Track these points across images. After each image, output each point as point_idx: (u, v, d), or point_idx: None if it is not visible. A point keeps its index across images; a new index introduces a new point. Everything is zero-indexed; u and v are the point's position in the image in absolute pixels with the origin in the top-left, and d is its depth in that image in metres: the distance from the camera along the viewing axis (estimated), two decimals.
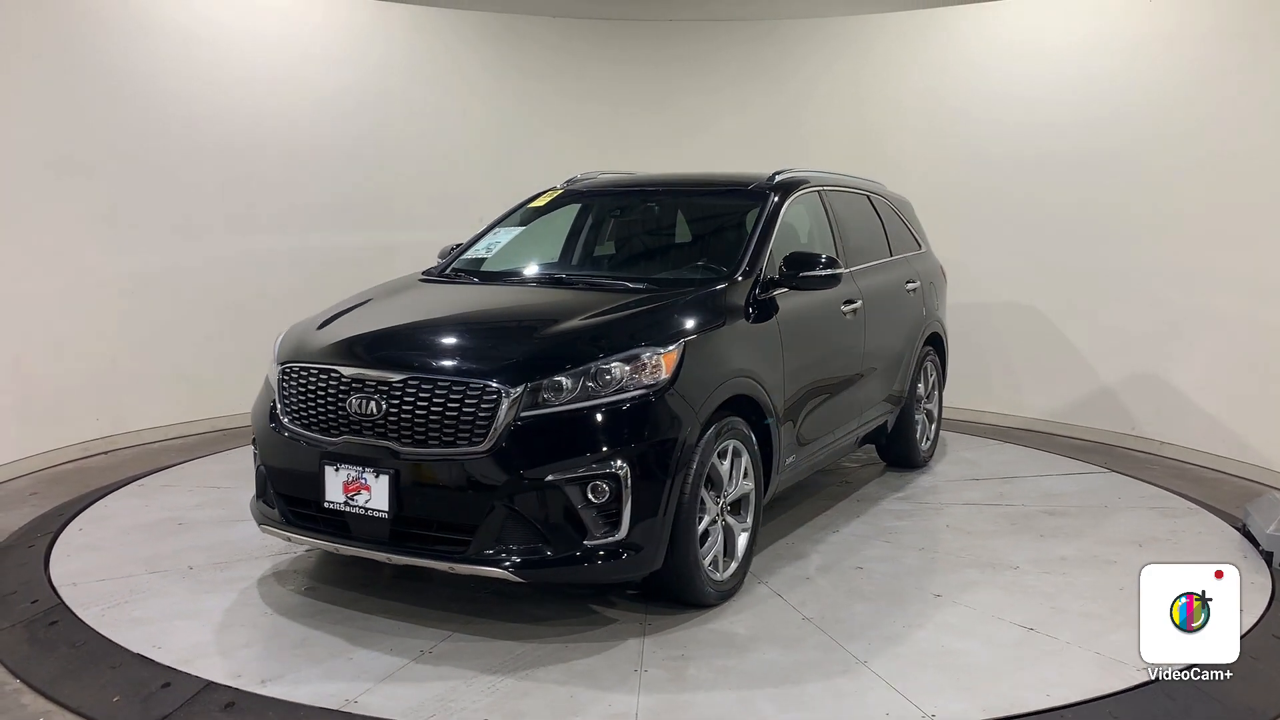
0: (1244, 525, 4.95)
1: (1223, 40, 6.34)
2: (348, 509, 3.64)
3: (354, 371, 3.75)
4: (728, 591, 3.99)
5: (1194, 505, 5.46)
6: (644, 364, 3.64)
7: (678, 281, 4.49)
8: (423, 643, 3.61)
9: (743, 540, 4.08)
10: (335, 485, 3.66)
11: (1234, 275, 6.28)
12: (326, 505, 3.69)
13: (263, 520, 4.01)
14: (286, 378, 3.94)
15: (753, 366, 4.14)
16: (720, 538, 3.95)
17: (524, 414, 3.50)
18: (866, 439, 5.71)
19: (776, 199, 4.82)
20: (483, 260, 5.12)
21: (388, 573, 4.22)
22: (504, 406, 3.49)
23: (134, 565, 4.36)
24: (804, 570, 4.41)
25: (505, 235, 5.30)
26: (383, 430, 3.62)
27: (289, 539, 3.98)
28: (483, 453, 3.48)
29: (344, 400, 3.70)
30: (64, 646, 3.58)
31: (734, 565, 4.03)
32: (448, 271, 5.04)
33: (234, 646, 3.58)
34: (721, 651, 3.59)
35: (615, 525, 3.50)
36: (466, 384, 3.56)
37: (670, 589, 3.85)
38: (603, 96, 8.50)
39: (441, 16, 8.02)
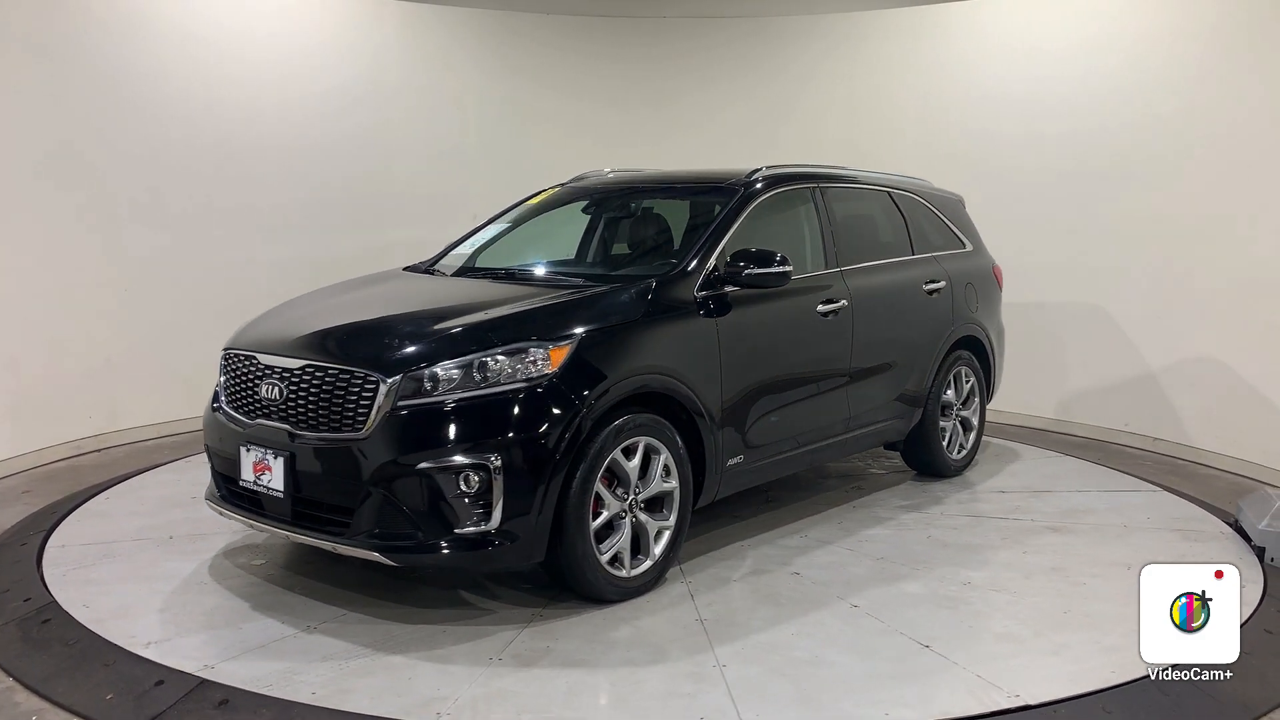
0: (1236, 521, 4.97)
1: (1220, 37, 6.35)
2: (257, 488, 3.89)
3: (266, 358, 4.00)
4: (636, 588, 3.99)
5: (1227, 530, 4.99)
6: (529, 357, 3.72)
7: (632, 278, 4.49)
8: (314, 620, 3.75)
9: (665, 538, 4.09)
10: (248, 465, 3.92)
11: (1226, 270, 6.30)
12: (242, 484, 3.96)
13: (207, 496, 4.28)
14: (225, 362, 4.24)
15: (673, 364, 4.10)
16: (627, 534, 3.95)
17: (401, 403, 3.62)
18: (889, 444, 5.67)
19: (740, 197, 4.76)
20: (469, 256, 5.22)
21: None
22: (381, 395, 3.63)
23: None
24: (733, 572, 4.34)
25: (494, 230, 5.46)
26: (283, 414, 3.83)
27: (222, 514, 4.16)
28: (362, 439, 3.63)
29: (258, 385, 3.94)
30: (57, 645, 3.58)
31: (648, 563, 4.03)
32: (432, 267, 5.19)
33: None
34: (586, 646, 3.59)
35: (487, 515, 3.58)
36: (351, 373, 3.72)
37: (565, 582, 3.89)
38: (597, 93, 8.50)
39: (436, 13, 8.01)
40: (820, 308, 4.89)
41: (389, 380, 3.63)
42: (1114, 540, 4.83)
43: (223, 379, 4.23)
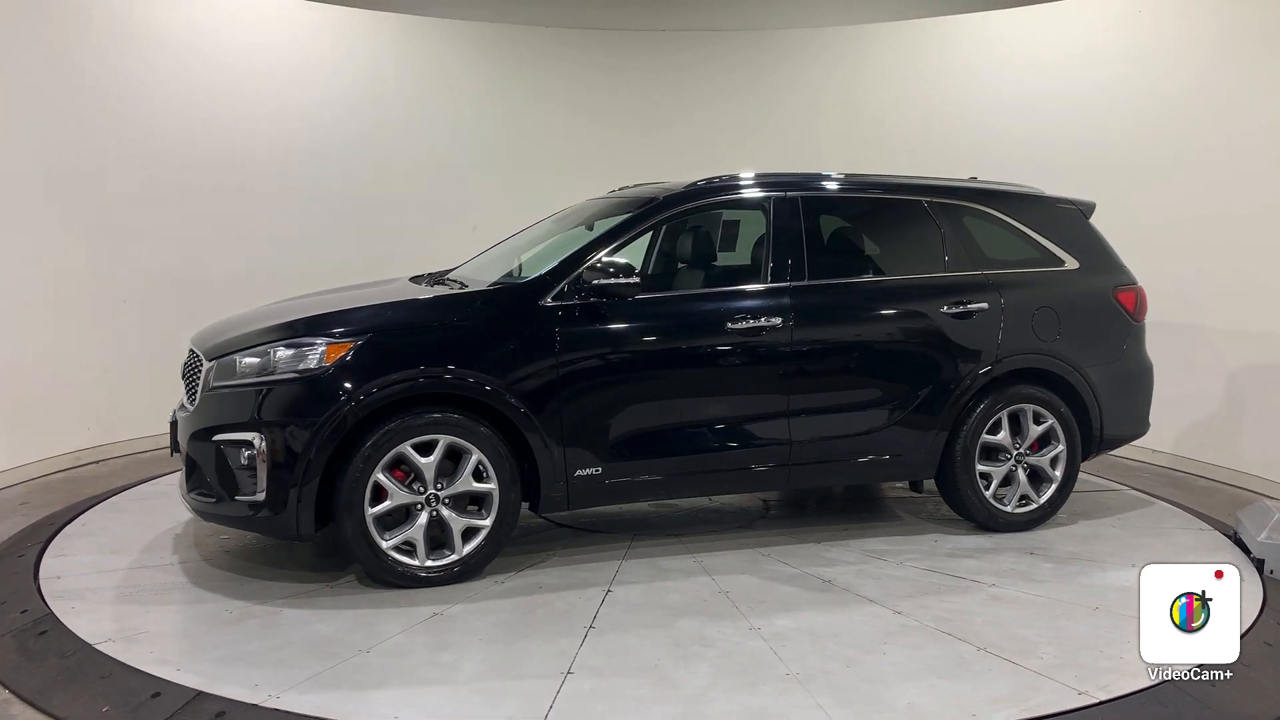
0: (1235, 533, 4.97)
1: (1216, 47, 6.39)
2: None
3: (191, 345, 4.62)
4: (428, 579, 4.18)
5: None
6: (307, 352, 4.10)
7: (506, 286, 4.63)
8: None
9: (479, 537, 4.23)
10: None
11: (1223, 282, 6.31)
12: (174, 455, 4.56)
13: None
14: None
15: (488, 369, 4.19)
16: (420, 526, 4.15)
17: (215, 383, 4.22)
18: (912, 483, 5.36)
19: (643, 210, 4.71)
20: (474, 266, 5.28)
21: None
22: (202, 378, 4.28)
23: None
24: (530, 581, 4.30)
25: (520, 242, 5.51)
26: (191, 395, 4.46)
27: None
28: (189, 412, 4.32)
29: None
30: (53, 656, 3.56)
31: (451, 557, 4.21)
32: (445, 277, 5.16)
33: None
34: (290, 619, 3.89)
35: (256, 487, 4.03)
36: (199, 358, 4.39)
37: (356, 560, 4.24)
38: (595, 106, 8.52)
39: (433, 26, 8.04)
40: (736, 323, 4.57)
41: (208, 364, 4.27)
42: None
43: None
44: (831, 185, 5.13)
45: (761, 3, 8.52)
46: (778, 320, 4.62)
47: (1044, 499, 5.10)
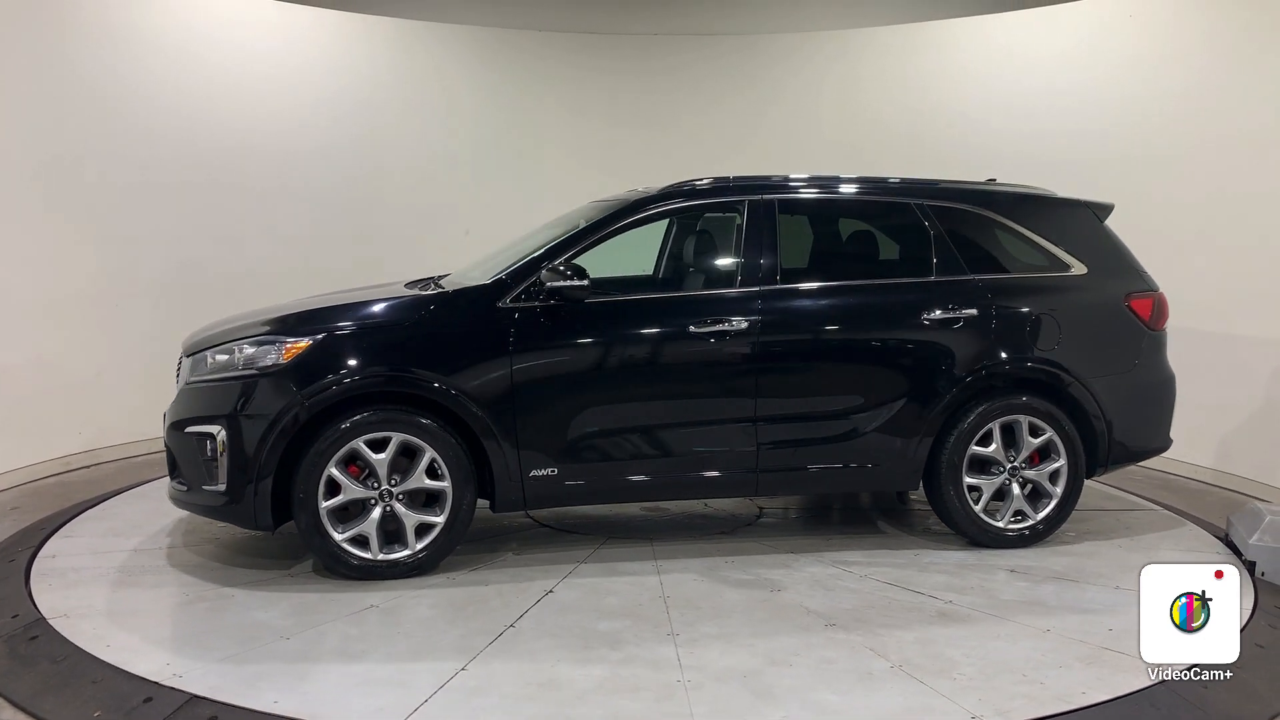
0: (1227, 535, 5.00)
1: (1205, 50, 6.43)
2: None
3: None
4: (380, 573, 4.27)
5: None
6: (266, 350, 4.25)
7: (468, 289, 4.65)
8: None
9: (433, 533, 4.32)
10: None
11: (1212, 285, 6.33)
12: None
13: None
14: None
15: (437, 369, 4.28)
16: (373, 520, 4.26)
17: (190, 379, 4.42)
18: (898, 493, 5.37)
19: (611, 213, 4.70)
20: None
21: None
22: (181, 372, 4.52)
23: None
24: (479, 578, 4.37)
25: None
26: None
27: None
28: (170, 407, 4.50)
29: None
30: (45, 661, 3.55)
31: (403, 552, 4.31)
32: (439, 281, 5.16)
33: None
34: (231, 602, 4.08)
35: (219, 478, 4.21)
36: (181, 356, 4.62)
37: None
38: (589, 109, 8.53)
39: (427, 30, 8.05)
40: (697, 327, 4.52)
41: (185, 360, 4.52)
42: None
43: None
44: (811, 188, 5.00)
45: (755, 8, 8.55)
46: (743, 324, 4.55)
47: (1040, 516, 4.84)
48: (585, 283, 4.40)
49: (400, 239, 7.85)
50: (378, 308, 4.54)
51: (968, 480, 4.77)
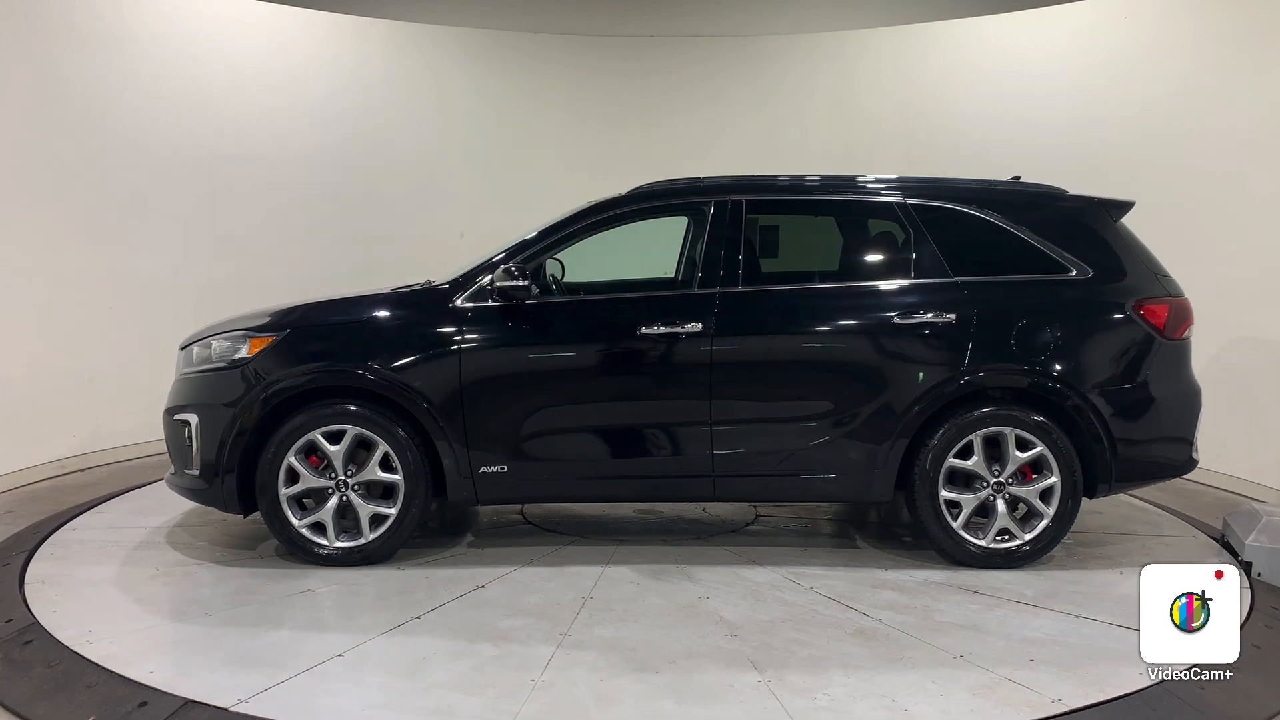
0: (1223, 536, 5.00)
1: (1199, 50, 6.45)
2: None
3: None
4: (333, 559, 4.48)
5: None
6: (239, 344, 4.51)
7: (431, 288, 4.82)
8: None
9: (386, 524, 4.48)
10: None
11: (1205, 285, 6.33)
12: None
13: None
14: None
15: (391, 365, 4.41)
16: (329, 509, 4.47)
17: (181, 370, 4.72)
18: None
19: (578, 212, 4.72)
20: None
21: None
22: (177, 362, 4.79)
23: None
24: (421, 572, 4.45)
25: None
26: None
27: None
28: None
29: None
30: (39, 666, 3.53)
31: (361, 540, 4.49)
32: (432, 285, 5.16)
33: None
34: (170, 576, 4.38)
35: (196, 463, 4.50)
36: (179, 349, 4.87)
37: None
38: (583, 111, 8.54)
39: (420, 32, 8.04)
40: (650, 329, 4.45)
41: (180, 352, 4.80)
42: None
43: None
44: (781, 189, 4.87)
45: (750, 10, 8.55)
46: (697, 326, 4.45)
47: (1029, 536, 4.52)
48: (525, 283, 4.46)
49: (394, 241, 7.85)
50: (343, 306, 4.71)
51: (945, 495, 4.51)
